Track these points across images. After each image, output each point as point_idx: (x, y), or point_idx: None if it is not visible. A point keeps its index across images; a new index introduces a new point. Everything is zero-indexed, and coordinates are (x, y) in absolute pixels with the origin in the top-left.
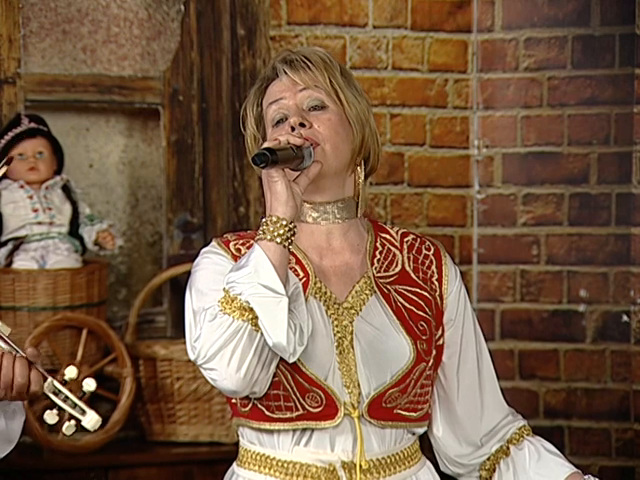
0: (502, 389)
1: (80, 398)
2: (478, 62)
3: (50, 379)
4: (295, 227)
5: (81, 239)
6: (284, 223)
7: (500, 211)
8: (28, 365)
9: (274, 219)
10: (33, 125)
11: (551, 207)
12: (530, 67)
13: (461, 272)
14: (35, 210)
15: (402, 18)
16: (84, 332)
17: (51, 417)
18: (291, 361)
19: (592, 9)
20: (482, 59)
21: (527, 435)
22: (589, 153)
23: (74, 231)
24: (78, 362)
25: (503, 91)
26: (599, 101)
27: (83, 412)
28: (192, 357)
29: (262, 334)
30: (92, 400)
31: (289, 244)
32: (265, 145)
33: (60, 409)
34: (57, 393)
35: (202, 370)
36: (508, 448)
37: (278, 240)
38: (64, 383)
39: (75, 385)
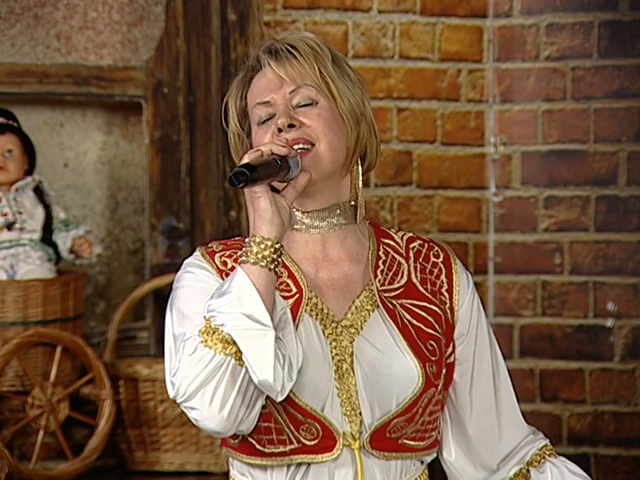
0: (522, 412)
1: None
2: (495, 50)
3: None
4: (282, 247)
5: (55, 246)
6: (269, 244)
7: (519, 215)
8: None
9: (258, 240)
10: (2, 120)
11: (576, 211)
12: (552, 56)
13: (475, 283)
14: (4, 214)
15: (410, 2)
16: (58, 349)
17: None
18: (279, 400)
19: None
20: (499, 47)
21: (549, 456)
22: (617, 151)
23: (47, 238)
24: (52, 383)
25: (522, 83)
26: (629, 94)
27: None
28: (171, 394)
29: (247, 369)
30: (68, 424)
31: (275, 266)
32: (245, 159)
33: None
34: None
35: (182, 409)
36: (528, 471)
37: (263, 263)
38: None
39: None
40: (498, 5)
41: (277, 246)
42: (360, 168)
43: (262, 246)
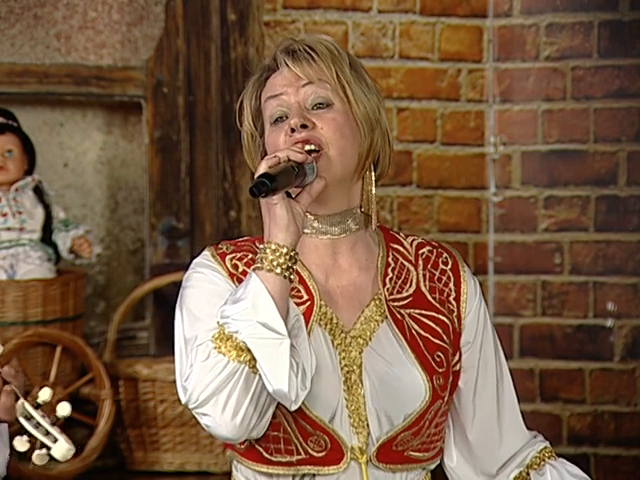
0: (522, 413)
1: (53, 424)
2: (494, 50)
3: (21, 401)
4: (297, 254)
5: (55, 246)
6: (284, 251)
7: (519, 215)
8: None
9: (273, 247)
10: (1, 120)
11: (575, 211)
12: (552, 56)
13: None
14: (4, 214)
15: (410, 2)
16: (58, 349)
17: (21, 444)
18: (293, 409)
19: None
20: (499, 47)
21: (549, 458)
22: (617, 151)
23: (47, 237)
24: (51, 383)
25: (522, 83)
26: (628, 94)
27: (55, 440)
28: (183, 399)
29: (260, 377)
30: (67, 425)
31: (290, 274)
32: (262, 167)
33: (31, 435)
34: (29, 418)
35: (194, 414)
36: (528, 474)
37: (278, 270)
38: (37, 406)
39: (49, 408)
40: (498, 5)
41: (292, 254)
42: (373, 174)
43: (277, 253)
